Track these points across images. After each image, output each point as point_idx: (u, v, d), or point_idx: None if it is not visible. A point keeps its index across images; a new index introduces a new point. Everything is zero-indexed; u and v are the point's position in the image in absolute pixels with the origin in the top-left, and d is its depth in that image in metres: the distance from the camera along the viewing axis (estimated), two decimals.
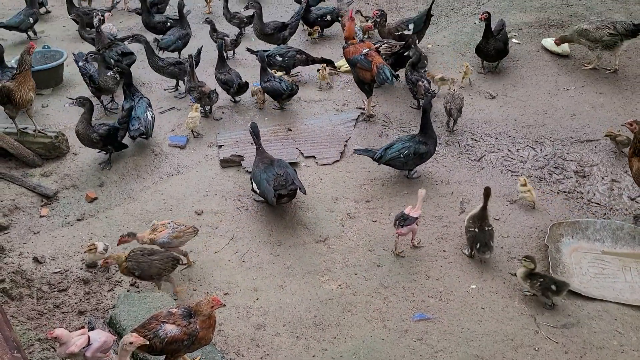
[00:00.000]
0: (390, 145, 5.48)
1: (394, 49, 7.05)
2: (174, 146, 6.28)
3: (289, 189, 4.97)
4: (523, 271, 4.27)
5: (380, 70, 6.03)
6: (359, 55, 6.26)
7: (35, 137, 5.94)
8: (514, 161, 5.82)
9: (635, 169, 4.78)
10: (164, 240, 4.46)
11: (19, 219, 5.26)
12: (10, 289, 4.13)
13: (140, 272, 4.19)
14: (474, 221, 4.62)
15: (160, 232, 4.48)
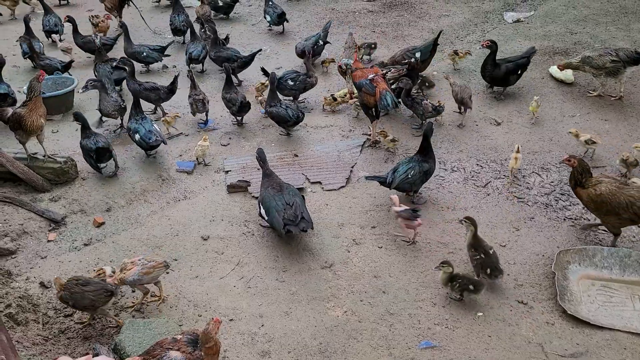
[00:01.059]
0: (395, 168, 5.58)
1: (400, 73, 7.17)
2: (181, 171, 6.33)
3: (300, 227, 4.98)
4: (444, 277, 4.49)
5: (382, 96, 6.16)
6: (365, 79, 6.38)
7: (45, 162, 6.01)
8: (520, 187, 5.82)
9: (585, 197, 4.87)
10: (133, 279, 4.33)
11: (26, 244, 5.29)
12: (16, 314, 4.14)
13: (74, 302, 4.15)
14: (476, 249, 4.65)
15: (129, 270, 4.35)
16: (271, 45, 9.56)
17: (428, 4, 10.99)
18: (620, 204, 4.69)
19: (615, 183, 4.80)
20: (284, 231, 4.98)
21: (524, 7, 10.45)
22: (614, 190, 4.73)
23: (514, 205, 5.60)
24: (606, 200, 4.73)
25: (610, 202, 4.71)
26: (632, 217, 4.72)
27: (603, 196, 4.74)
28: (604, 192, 4.74)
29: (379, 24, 10.22)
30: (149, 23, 10.60)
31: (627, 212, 4.69)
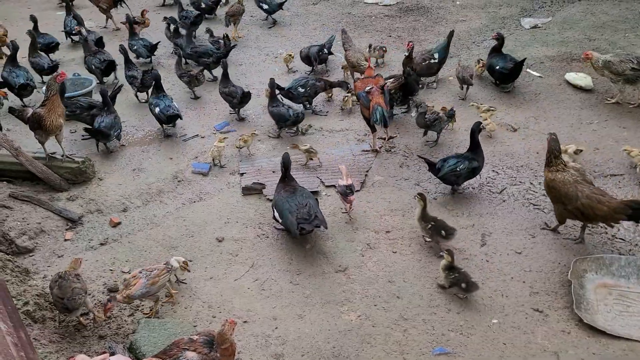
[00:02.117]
0: (446, 159, 5.74)
1: (400, 82, 7.12)
2: (197, 173, 6.37)
3: (314, 224, 4.99)
4: (444, 263, 4.65)
5: (373, 110, 6.23)
6: (362, 92, 6.46)
7: (63, 162, 6.08)
8: (536, 194, 5.78)
9: (545, 177, 5.06)
10: (141, 292, 4.27)
11: (44, 242, 5.35)
12: (33, 311, 4.18)
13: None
14: (425, 220, 5.07)
15: (134, 285, 4.28)
16: (287, 48, 9.59)
17: (445, 9, 10.97)
18: (568, 195, 4.79)
19: (575, 175, 4.89)
20: (298, 231, 4.98)
21: (541, 13, 10.39)
22: (567, 180, 4.84)
23: (530, 212, 5.56)
24: (557, 187, 4.87)
25: (559, 190, 4.85)
26: (575, 212, 4.81)
27: (555, 182, 4.88)
28: (557, 179, 4.87)
29: (395, 29, 10.23)
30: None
31: (571, 204, 4.78)
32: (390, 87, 6.92)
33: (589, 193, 4.74)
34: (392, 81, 7.07)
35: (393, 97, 7.08)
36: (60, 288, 4.10)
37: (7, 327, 2.57)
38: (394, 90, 7.05)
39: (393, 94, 7.05)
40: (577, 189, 4.79)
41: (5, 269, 4.52)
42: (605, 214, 4.65)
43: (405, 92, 7.22)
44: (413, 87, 7.21)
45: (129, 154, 6.76)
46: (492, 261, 4.99)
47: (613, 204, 4.65)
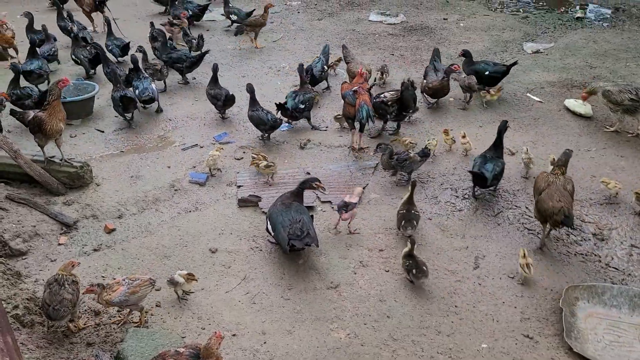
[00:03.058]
0: (483, 164, 5.92)
1: (397, 94, 7.11)
2: (193, 183, 6.39)
3: (304, 242, 4.99)
4: (405, 250, 4.95)
5: (360, 107, 6.48)
6: (349, 90, 6.74)
7: (61, 166, 6.10)
8: (531, 219, 5.78)
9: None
10: (120, 299, 4.23)
11: (37, 246, 5.35)
12: (22, 315, 4.17)
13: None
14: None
15: (115, 290, 4.24)
16: (289, 62, 9.66)
17: (448, 30, 11.07)
18: (536, 188, 5.29)
19: (557, 177, 5.26)
20: (288, 247, 5.00)
21: (544, 39, 10.49)
22: (547, 179, 5.26)
23: (525, 236, 5.57)
24: (536, 181, 5.38)
25: (536, 183, 5.36)
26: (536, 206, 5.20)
27: (538, 177, 5.41)
28: (541, 176, 5.37)
29: (398, 47, 10.31)
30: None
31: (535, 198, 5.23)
32: (388, 99, 7.00)
33: (550, 192, 5.08)
34: (391, 94, 7.11)
35: (388, 109, 7.09)
36: (50, 293, 4.08)
37: None
38: (390, 102, 7.05)
39: (389, 106, 7.06)
40: (547, 186, 5.16)
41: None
42: (548, 210, 5.01)
43: (401, 107, 7.10)
44: (408, 103, 7.10)
45: (128, 161, 6.78)
46: (484, 284, 4.98)
47: (557, 205, 4.97)
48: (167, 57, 8.79)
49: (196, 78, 9.10)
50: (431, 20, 11.65)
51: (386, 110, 7.10)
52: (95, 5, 10.96)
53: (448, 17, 11.80)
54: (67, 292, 4.11)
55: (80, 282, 4.37)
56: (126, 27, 10.83)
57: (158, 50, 9.07)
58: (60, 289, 4.10)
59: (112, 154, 6.98)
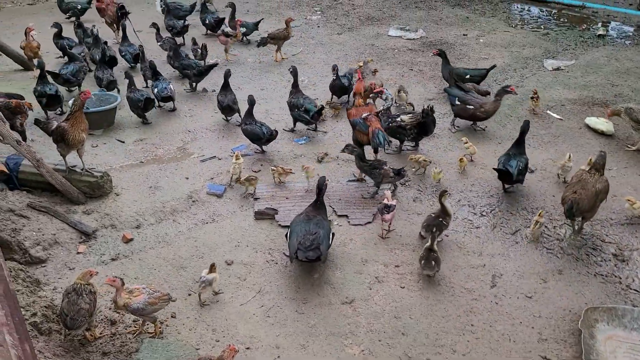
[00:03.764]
0: (507, 161, 6.16)
1: (417, 118, 7.01)
2: (211, 194, 6.43)
3: (306, 255, 4.97)
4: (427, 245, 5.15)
5: (375, 135, 6.43)
6: (359, 118, 6.66)
7: (82, 175, 6.19)
8: (550, 238, 5.72)
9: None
10: (138, 306, 4.25)
11: (57, 254, 5.42)
12: (40, 323, 4.22)
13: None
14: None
15: (136, 296, 4.27)
16: (309, 76, 9.73)
17: (468, 46, 11.05)
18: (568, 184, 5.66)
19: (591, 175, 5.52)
20: (294, 256, 5.01)
21: (565, 56, 10.42)
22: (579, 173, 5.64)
23: (543, 255, 5.50)
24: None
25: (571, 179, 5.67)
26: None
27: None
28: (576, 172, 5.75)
29: (417, 63, 10.32)
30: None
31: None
32: (406, 123, 6.94)
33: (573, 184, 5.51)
34: (410, 117, 7.04)
35: (406, 133, 7.05)
36: (69, 303, 4.12)
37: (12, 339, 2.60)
38: (409, 126, 7.01)
39: (408, 129, 7.02)
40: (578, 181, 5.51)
41: (17, 278, 4.59)
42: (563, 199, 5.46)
43: (421, 131, 7.10)
44: (429, 127, 7.10)
45: (147, 171, 6.86)
46: (501, 304, 4.92)
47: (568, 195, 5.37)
48: (179, 64, 9.23)
49: (215, 90, 9.19)
50: (451, 36, 11.65)
51: (404, 134, 7.05)
52: (117, 16, 11.20)
53: (468, 33, 11.80)
54: (84, 302, 4.16)
55: (97, 292, 4.42)
56: (149, 39, 11.00)
57: (171, 58, 9.42)
58: (78, 298, 4.15)
59: (131, 164, 7.07)
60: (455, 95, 7.73)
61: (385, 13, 13.28)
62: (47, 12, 12.44)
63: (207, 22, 11.76)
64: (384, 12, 13.33)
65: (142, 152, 7.36)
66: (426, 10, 13.49)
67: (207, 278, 4.83)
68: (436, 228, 5.42)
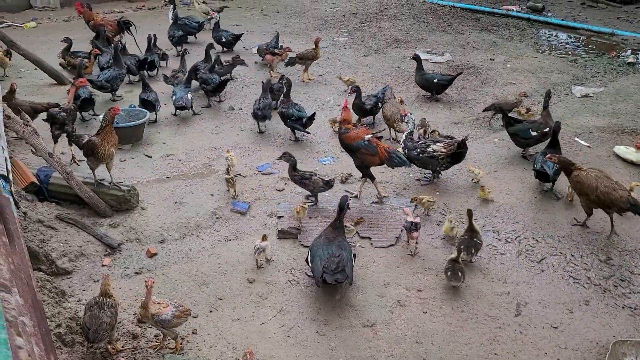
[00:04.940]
0: (543, 162, 6.50)
1: (451, 148, 6.79)
2: (235, 211, 6.48)
3: (334, 278, 4.95)
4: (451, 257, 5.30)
5: (392, 154, 6.41)
6: (362, 141, 6.45)
7: (110, 189, 6.30)
8: (577, 267, 5.60)
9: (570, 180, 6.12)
10: (165, 318, 4.30)
11: (82, 266, 5.50)
12: (64, 334, 4.28)
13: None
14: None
15: (165, 307, 4.34)
16: (334, 97, 9.80)
17: (494, 71, 11.03)
18: (590, 187, 5.75)
19: (595, 172, 5.87)
20: (321, 279, 4.98)
21: (593, 83, 10.31)
22: (589, 175, 5.82)
23: (569, 285, 5.38)
24: (580, 182, 5.86)
25: (583, 184, 5.83)
26: (596, 200, 5.77)
27: (579, 177, 5.89)
28: (581, 175, 5.87)
29: None
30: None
31: (593, 194, 5.75)
32: (439, 153, 6.76)
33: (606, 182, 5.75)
34: (443, 146, 6.80)
35: (439, 163, 6.85)
36: (91, 317, 4.18)
37: (39, 350, 2.64)
38: (442, 156, 6.80)
39: (440, 159, 6.82)
40: (596, 180, 5.74)
41: (43, 289, 4.66)
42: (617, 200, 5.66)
43: (454, 160, 6.90)
44: (463, 156, 6.92)
45: (173, 187, 6.95)
46: (526, 333, 4.82)
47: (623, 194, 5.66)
48: (199, 77, 9.40)
49: (242, 109, 9.31)
50: (477, 60, 11.64)
51: (436, 164, 6.86)
52: (119, 29, 11.57)
53: (495, 57, 11.77)
54: (106, 316, 4.21)
55: (119, 306, 4.47)
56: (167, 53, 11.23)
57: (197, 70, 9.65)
58: (100, 312, 4.21)
59: (158, 179, 7.18)
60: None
61: (412, 36, 13.35)
62: (82, 28, 12.78)
63: (224, 40, 11.99)
64: (411, 35, 13.40)
65: (169, 167, 7.47)
66: (453, 34, 13.52)
67: (261, 245, 5.43)
68: (474, 249, 5.54)
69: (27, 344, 2.36)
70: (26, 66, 10.62)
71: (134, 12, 16.08)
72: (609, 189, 5.67)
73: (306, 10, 15.81)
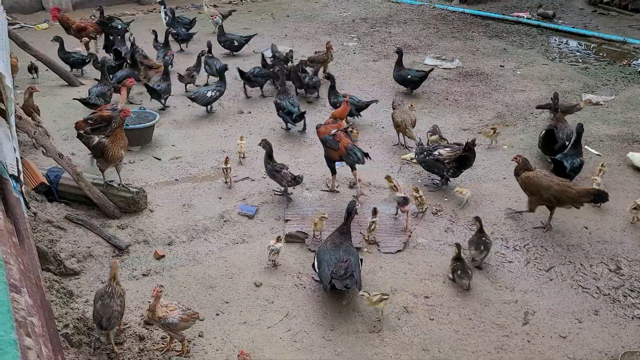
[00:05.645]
0: (564, 157, 6.80)
1: (456, 153, 6.76)
2: (243, 215, 6.49)
3: (344, 283, 4.94)
4: (453, 256, 5.45)
5: (349, 150, 6.52)
6: (329, 135, 6.74)
7: (119, 190, 6.33)
8: (586, 277, 5.56)
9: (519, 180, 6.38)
10: (173, 321, 4.33)
11: (90, 267, 5.52)
12: (72, 334, 4.29)
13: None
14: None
15: (172, 310, 4.36)
16: None
17: (504, 77, 10.99)
18: (543, 186, 6.03)
19: (543, 172, 6.24)
20: (329, 286, 4.97)
21: (604, 91, 10.25)
22: (539, 175, 6.15)
23: (578, 295, 5.34)
24: (534, 182, 6.13)
25: (538, 184, 6.08)
26: (550, 198, 6.03)
27: (530, 179, 6.17)
28: (532, 176, 6.17)
29: (452, 92, 10.30)
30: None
31: (546, 193, 6.01)
32: (444, 157, 6.75)
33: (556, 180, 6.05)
34: (448, 151, 6.80)
35: (445, 167, 6.83)
36: (102, 305, 4.29)
37: (47, 351, 2.64)
38: (448, 160, 6.78)
39: (446, 164, 6.80)
40: (546, 180, 6.07)
41: (51, 289, 4.68)
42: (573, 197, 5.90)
43: (461, 164, 6.84)
44: (470, 161, 6.84)
45: (181, 189, 6.97)
46: (533, 342, 4.79)
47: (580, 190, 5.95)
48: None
49: (251, 112, 9.33)
50: (487, 66, 11.61)
51: (442, 168, 6.82)
52: (101, 28, 11.69)
53: (505, 64, 11.73)
54: (116, 305, 4.33)
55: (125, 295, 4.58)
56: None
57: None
58: (111, 301, 4.32)
59: (166, 181, 7.20)
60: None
61: (422, 42, 13.34)
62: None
63: (237, 43, 12.03)
64: (421, 41, 13.39)
65: (177, 170, 7.49)
66: (463, 40, 13.50)
67: (275, 247, 5.51)
68: (484, 246, 5.61)
69: (36, 344, 2.37)
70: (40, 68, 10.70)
71: (144, 14, 16.19)
72: (564, 187, 5.99)
73: (316, 14, 15.85)
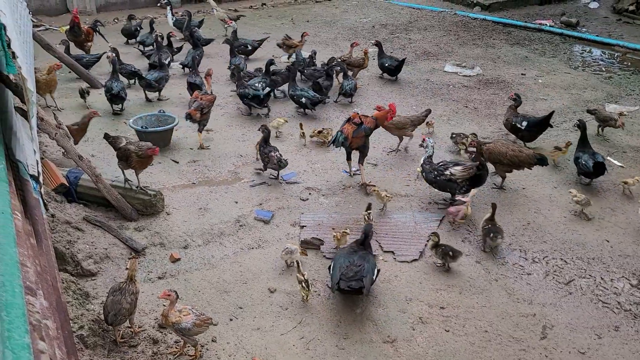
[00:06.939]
0: (592, 155, 7.05)
1: (470, 172, 6.54)
2: (259, 220, 6.48)
3: (349, 284, 4.93)
4: (431, 243, 5.72)
5: (336, 134, 7.07)
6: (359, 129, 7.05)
7: (137, 193, 6.38)
8: (607, 291, 5.44)
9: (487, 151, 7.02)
10: (186, 326, 4.33)
11: (107, 268, 5.56)
12: (87, 336, 4.31)
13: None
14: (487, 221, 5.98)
15: (186, 315, 4.36)
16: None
17: (525, 86, 10.85)
18: (502, 153, 6.84)
19: (501, 141, 7.14)
20: (336, 286, 4.96)
21: (628, 101, 10.07)
22: (497, 144, 6.92)
23: (598, 309, 5.23)
24: (493, 151, 6.88)
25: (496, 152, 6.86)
26: (509, 163, 6.87)
27: (490, 149, 6.90)
28: (491, 147, 6.89)
29: (472, 100, 10.20)
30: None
31: (505, 158, 6.83)
32: (457, 177, 6.53)
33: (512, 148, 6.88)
34: (461, 169, 6.56)
35: (457, 186, 6.61)
36: (113, 301, 4.38)
37: (61, 353, 2.65)
38: (461, 179, 6.57)
39: (459, 182, 6.59)
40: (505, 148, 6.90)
41: (68, 290, 4.72)
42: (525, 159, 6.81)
43: (473, 183, 6.65)
44: (483, 179, 6.68)
45: (198, 193, 7.00)
46: (551, 357, 4.69)
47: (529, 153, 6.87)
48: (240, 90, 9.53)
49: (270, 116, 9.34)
50: (508, 74, 11.48)
51: (455, 187, 6.63)
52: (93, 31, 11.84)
53: (526, 72, 11.58)
54: (126, 302, 4.43)
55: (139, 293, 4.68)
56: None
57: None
58: (122, 298, 4.41)
59: (184, 184, 7.23)
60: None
61: (442, 49, 13.25)
62: (116, 32, 13.07)
63: (250, 47, 12.00)
64: (441, 48, 13.30)
65: (195, 173, 7.52)
66: (484, 47, 13.38)
67: (290, 248, 5.61)
68: (498, 233, 5.90)
69: (50, 348, 2.38)
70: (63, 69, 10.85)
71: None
72: (516, 152, 6.82)
73: (336, 20, 15.84)
